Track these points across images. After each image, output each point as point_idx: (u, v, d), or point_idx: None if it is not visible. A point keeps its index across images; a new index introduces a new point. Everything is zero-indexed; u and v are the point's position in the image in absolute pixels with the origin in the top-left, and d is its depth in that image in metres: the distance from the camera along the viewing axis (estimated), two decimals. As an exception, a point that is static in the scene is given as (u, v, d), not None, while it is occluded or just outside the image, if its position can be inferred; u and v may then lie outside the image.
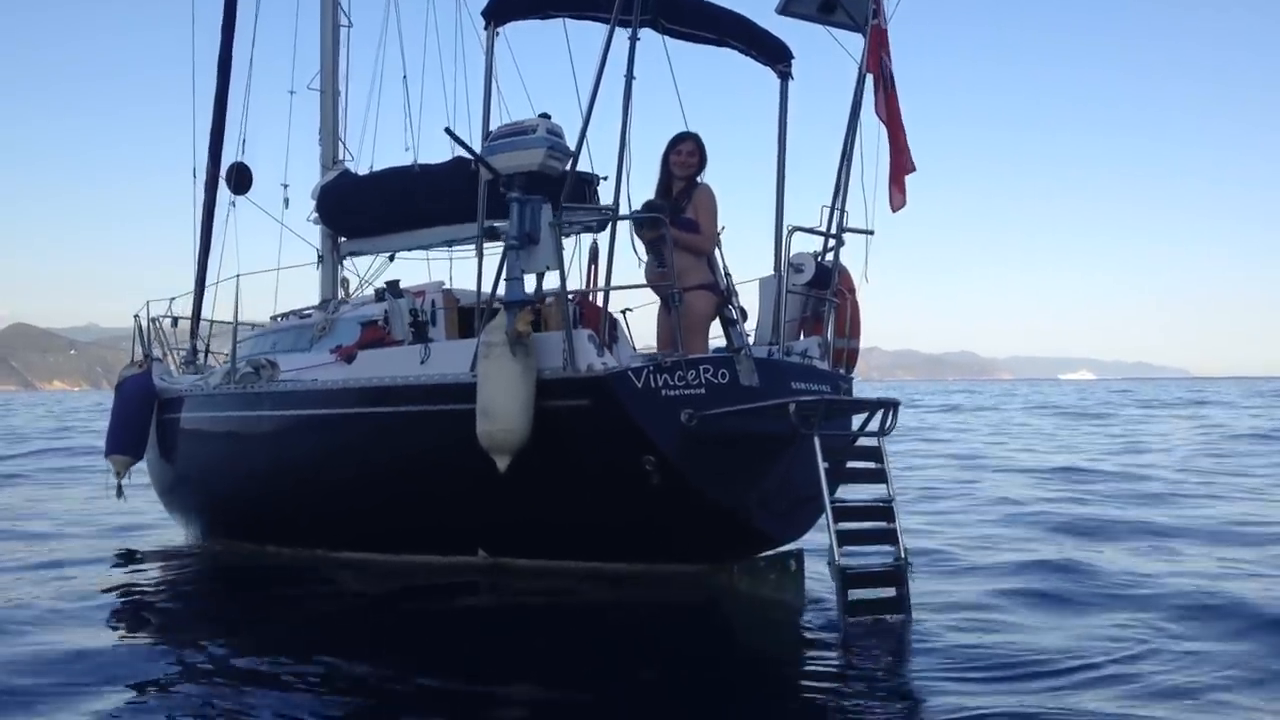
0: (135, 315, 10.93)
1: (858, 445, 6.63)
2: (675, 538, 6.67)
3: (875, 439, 6.54)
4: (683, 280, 6.80)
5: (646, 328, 7.79)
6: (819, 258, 7.56)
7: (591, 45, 7.63)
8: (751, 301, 7.71)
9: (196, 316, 11.72)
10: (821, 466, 6.01)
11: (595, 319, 7.85)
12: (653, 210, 6.92)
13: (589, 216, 7.32)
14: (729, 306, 7.18)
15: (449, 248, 10.16)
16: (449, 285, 9.07)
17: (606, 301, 7.40)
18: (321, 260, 10.88)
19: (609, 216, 6.83)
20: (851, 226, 7.37)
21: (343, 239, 10.73)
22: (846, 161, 7.26)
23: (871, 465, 6.48)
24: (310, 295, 10.97)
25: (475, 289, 7.13)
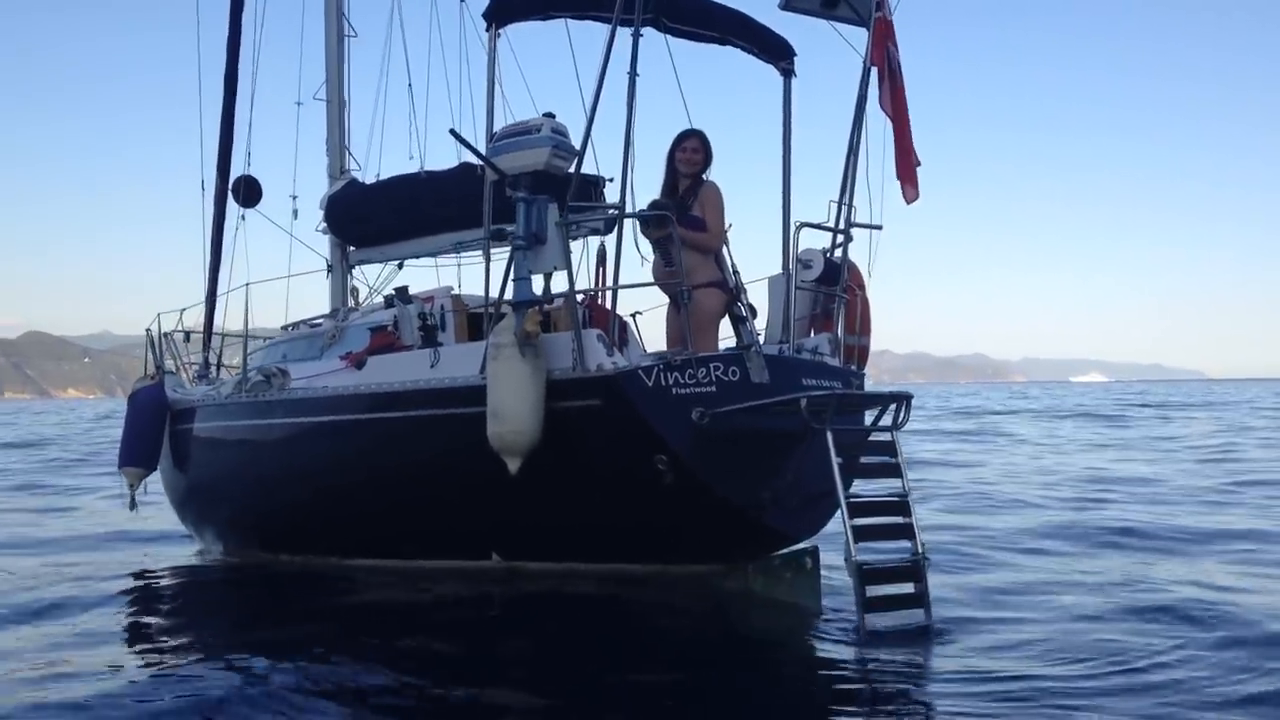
0: (147, 329, 10.98)
1: (871, 440, 6.58)
2: (689, 537, 6.63)
3: (889, 433, 6.49)
4: (691, 278, 6.76)
5: (656, 330, 7.78)
6: (827, 254, 7.53)
7: (594, 45, 7.65)
8: (761, 300, 7.69)
9: (209, 329, 11.76)
10: (835, 462, 5.97)
11: (604, 321, 7.85)
12: (659, 208, 6.90)
13: (595, 216, 7.31)
14: (738, 304, 7.15)
15: (457, 253, 10.18)
16: (458, 290, 9.09)
17: (615, 303, 7.39)
18: (331, 270, 10.93)
19: (616, 215, 6.81)
20: (859, 221, 7.34)
21: (351, 248, 10.77)
22: (853, 156, 7.23)
23: (886, 459, 6.44)
24: (320, 305, 11.01)
25: (483, 293, 7.13)
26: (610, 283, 7.30)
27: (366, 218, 10.46)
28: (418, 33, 11.30)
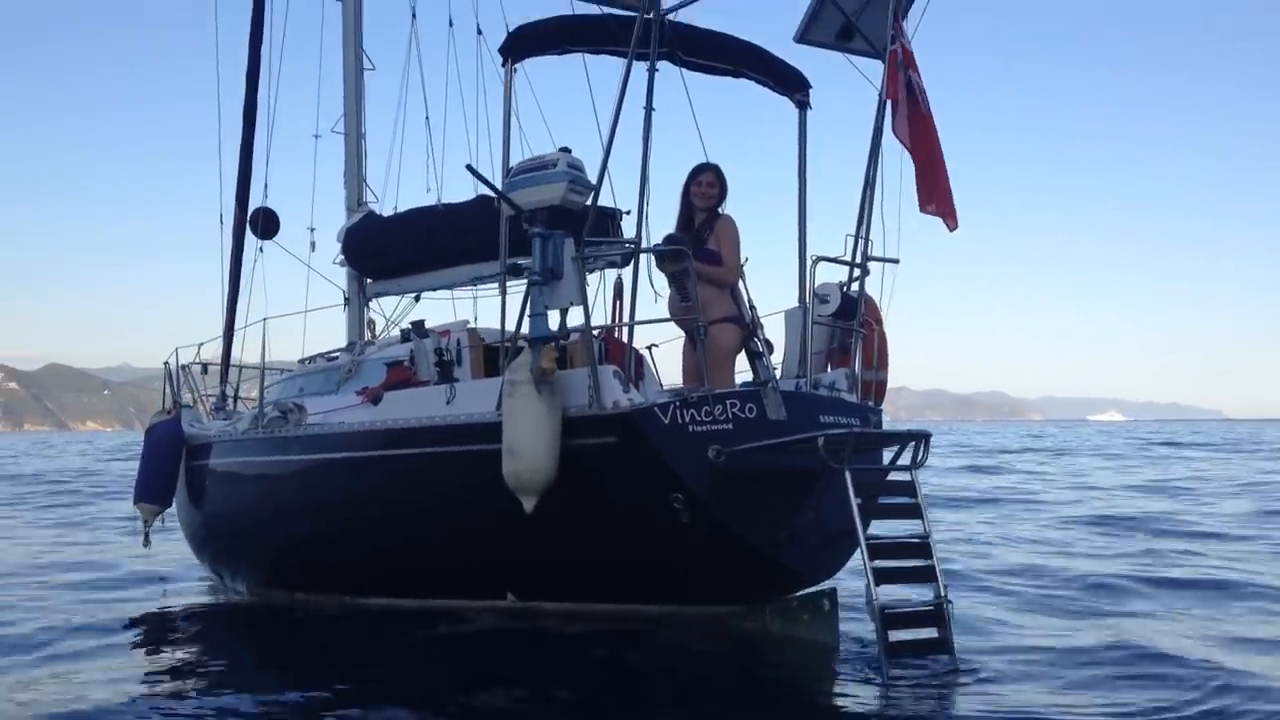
0: (165, 362, 11.01)
1: (890, 480, 6.49)
2: (706, 578, 6.54)
3: (908, 473, 6.40)
4: (707, 313, 6.71)
5: (673, 365, 7.72)
6: (844, 287, 7.47)
7: (610, 77, 7.64)
8: (777, 334, 7.63)
9: (226, 362, 11.79)
10: (854, 502, 5.89)
11: (620, 355, 7.80)
12: (674, 243, 6.86)
13: (612, 251, 7.28)
14: (754, 339, 7.09)
15: (474, 286, 10.18)
16: (474, 324, 9.06)
17: (631, 337, 7.35)
18: (348, 302, 10.94)
19: (632, 250, 6.78)
20: (876, 255, 7.27)
21: (369, 280, 10.78)
22: (869, 190, 7.17)
23: (905, 500, 6.34)
24: (337, 337, 11.02)
25: (499, 326, 7.10)
26: (627, 317, 7.27)
27: (383, 250, 10.48)
28: (435, 65, 11.36)
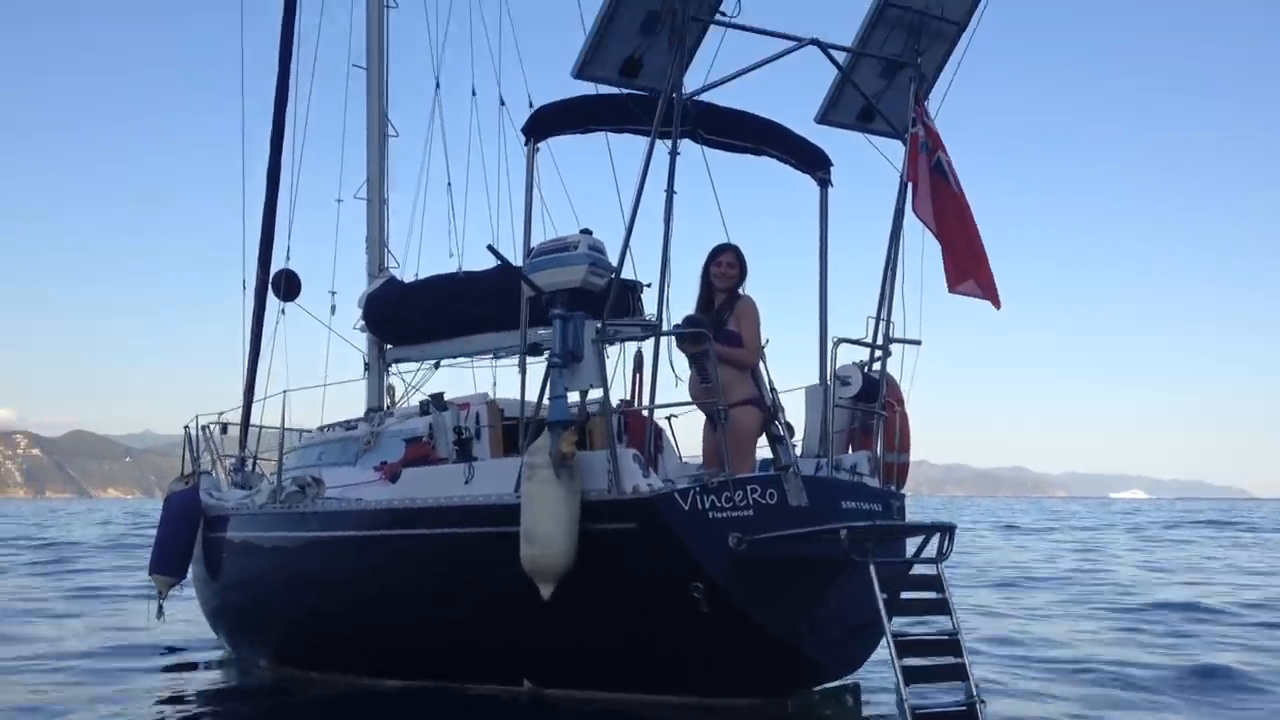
0: (185, 426, 11.02)
1: (914, 573, 6.39)
2: (726, 668, 6.44)
3: (934, 566, 6.30)
4: (727, 395, 6.67)
5: (693, 435, 7.67)
6: (865, 367, 7.42)
7: (632, 152, 7.66)
8: (797, 411, 7.57)
9: (245, 423, 11.80)
10: (880, 597, 5.79)
11: (640, 428, 7.76)
12: (694, 324, 6.84)
13: (632, 333, 7.27)
14: (775, 422, 7.03)
15: (494, 355, 10.17)
16: (493, 394, 9.04)
17: (652, 415, 7.32)
18: (368, 368, 10.95)
19: (652, 333, 6.76)
20: (898, 337, 7.23)
21: (389, 346, 10.79)
22: (891, 271, 7.15)
23: (931, 595, 6.23)
24: (357, 400, 11.01)
25: (519, 400, 7.07)
26: (647, 393, 7.24)
27: (403, 316, 10.50)
28: (458, 132, 11.44)
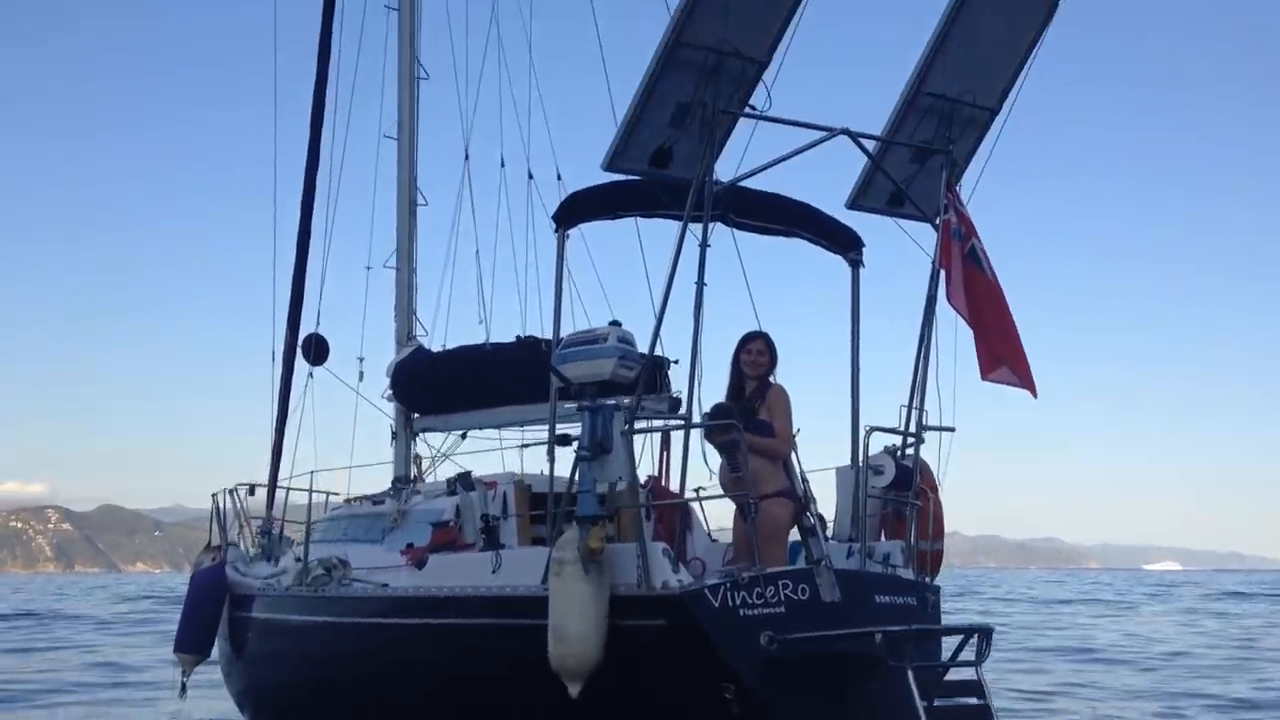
0: (213, 495, 11.04)
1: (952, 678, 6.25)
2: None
3: (973, 670, 6.15)
4: (758, 486, 6.58)
5: (722, 507, 7.59)
6: (898, 453, 7.31)
7: (661, 235, 7.64)
8: (828, 490, 7.47)
9: (273, 487, 11.82)
10: (919, 705, 5.65)
11: (669, 508, 7.68)
12: (723, 413, 6.77)
13: (661, 425, 7.22)
14: (807, 514, 6.93)
15: (521, 428, 10.16)
16: (521, 464, 9.06)
17: (683, 505, 7.25)
18: (395, 436, 10.95)
19: (682, 425, 6.70)
20: (931, 425, 7.13)
21: (416, 415, 10.80)
22: (923, 358, 7.06)
23: (973, 701, 6.08)
24: (383, 468, 11.00)
25: (548, 487, 7.02)
26: (676, 470, 7.19)
27: (430, 386, 10.54)
28: (487, 201, 11.48)
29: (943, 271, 7.01)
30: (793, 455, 7.05)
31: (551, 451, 7.11)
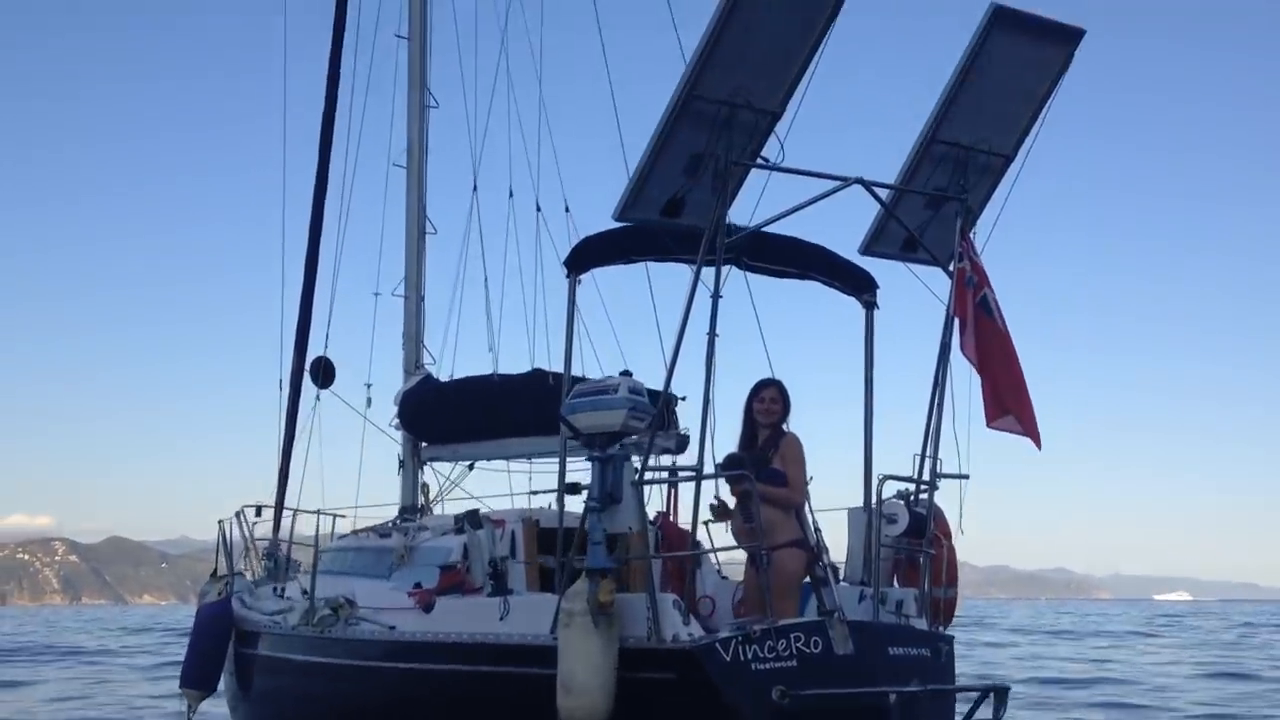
0: (219, 521, 11.01)
1: None
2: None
3: None
4: (771, 536, 6.53)
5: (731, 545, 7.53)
6: (910, 499, 7.25)
7: (672, 275, 7.58)
8: (839, 531, 7.42)
9: (280, 508, 11.80)
10: None
11: (676, 538, 7.61)
12: (736, 463, 6.73)
13: (672, 478, 7.16)
14: (819, 564, 6.87)
15: (529, 460, 10.12)
16: (529, 492, 9.02)
17: (693, 535, 7.20)
18: (402, 465, 10.91)
19: (693, 476, 6.65)
20: (945, 473, 7.07)
21: (424, 444, 10.76)
22: (938, 405, 7.00)
23: None
24: (391, 493, 10.97)
25: (558, 540, 6.98)
26: (684, 510, 7.14)
27: (438, 416, 10.50)
28: (496, 231, 11.43)
29: (957, 319, 6.95)
30: (806, 504, 7.01)
31: (561, 498, 7.06)
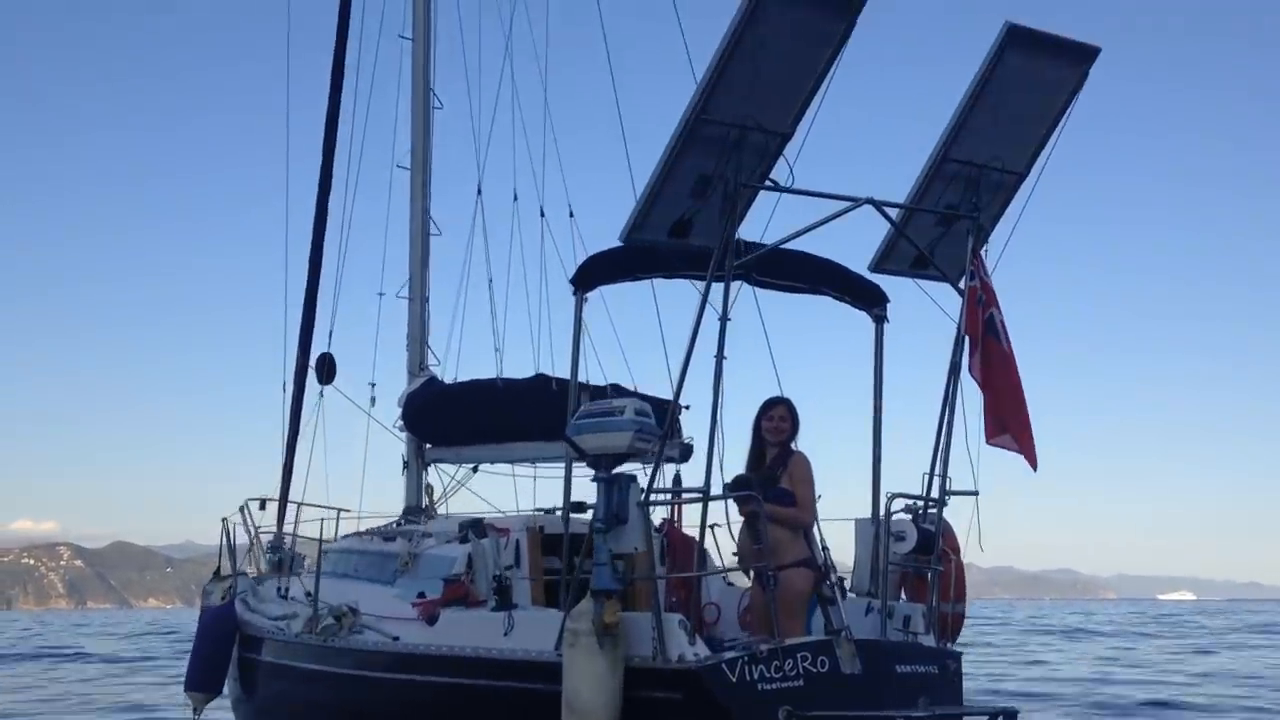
0: (223, 519, 11.01)
1: None
2: None
3: None
4: (779, 556, 6.52)
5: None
6: (918, 514, 7.22)
7: (679, 291, 7.54)
8: (846, 542, 7.41)
9: (284, 500, 11.82)
10: None
11: (680, 543, 7.59)
12: (744, 483, 6.70)
13: (678, 498, 7.14)
14: (827, 583, 6.86)
15: (533, 464, 10.12)
16: (534, 495, 9.03)
17: (698, 558, 7.18)
18: (406, 466, 10.91)
19: (699, 498, 6.62)
20: (954, 489, 7.04)
21: (428, 445, 10.75)
22: (947, 424, 6.96)
23: None
24: (396, 495, 10.98)
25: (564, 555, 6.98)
26: (686, 511, 7.08)
27: (443, 418, 10.49)
28: (500, 233, 11.38)
29: (967, 338, 6.92)
30: (814, 523, 6.99)
31: (566, 516, 7.05)
